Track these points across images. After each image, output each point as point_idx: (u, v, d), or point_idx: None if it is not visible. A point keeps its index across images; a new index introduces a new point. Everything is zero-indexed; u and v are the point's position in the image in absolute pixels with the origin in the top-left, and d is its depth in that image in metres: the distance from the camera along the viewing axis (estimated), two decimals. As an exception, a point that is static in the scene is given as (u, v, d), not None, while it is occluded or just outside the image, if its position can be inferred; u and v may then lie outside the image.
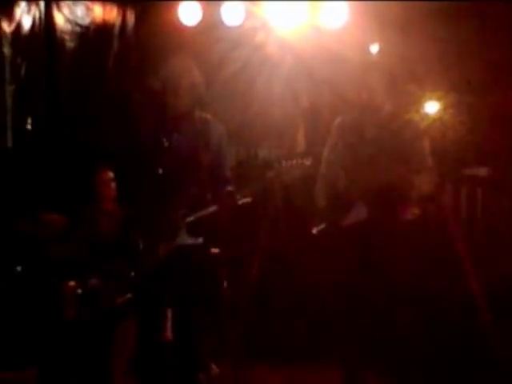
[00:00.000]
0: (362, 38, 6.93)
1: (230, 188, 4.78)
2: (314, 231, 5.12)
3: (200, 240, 4.71)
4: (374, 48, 7.19)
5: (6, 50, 6.17)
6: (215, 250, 5.91)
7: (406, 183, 4.87)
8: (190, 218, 4.65)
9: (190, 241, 4.68)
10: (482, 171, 6.95)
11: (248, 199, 5.43)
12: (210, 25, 7.12)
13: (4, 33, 6.16)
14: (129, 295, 5.38)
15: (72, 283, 5.61)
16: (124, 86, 6.73)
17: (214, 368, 5.91)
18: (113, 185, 5.72)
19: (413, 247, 5.01)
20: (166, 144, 4.67)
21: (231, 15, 7.08)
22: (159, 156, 4.69)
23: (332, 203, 5.10)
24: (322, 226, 5.09)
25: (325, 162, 5.21)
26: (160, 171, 4.65)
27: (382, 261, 4.87)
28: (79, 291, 5.61)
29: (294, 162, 4.70)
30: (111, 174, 5.73)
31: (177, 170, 4.69)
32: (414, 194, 4.89)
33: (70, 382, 5.34)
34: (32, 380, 5.35)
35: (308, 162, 4.65)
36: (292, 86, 7.30)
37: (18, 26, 6.27)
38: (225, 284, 6.04)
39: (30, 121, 6.05)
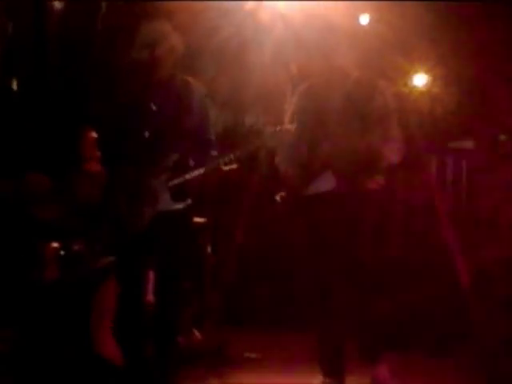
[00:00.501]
0: (352, 6, 6.89)
1: (213, 152, 4.77)
2: (277, 198, 5.11)
3: (183, 205, 4.69)
4: (365, 17, 7.17)
5: (-7, 11, 6.12)
6: (200, 219, 5.96)
7: (371, 152, 4.84)
8: (173, 183, 4.65)
9: (173, 206, 4.67)
10: (468, 144, 6.97)
11: (234, 166, 5.45)
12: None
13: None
14: (111, 258, 5.39)
15: (55, 244, 5.62)
16: (110, 49, 6.69)
17: (196, 333, 5.96)
18: (97, 146, 5.69)
19: (377, 217, 5.00)
20: (154, 108, 4.66)
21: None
22: (141, 120, 4.67)
23: (297, 171, 5.06)
24: (282, 193, 5.08)
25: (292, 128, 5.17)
26: (143, 135, 4.64)
27: (346, 231, 4.87)
28: (62, 253, 5.62)
29: (278, 128, 4.71)
30: (95, 135, 5.70)
31: (159, 134, 4.67)
32: (380, 164, 4.86)
33: (48, 343, 5.33)
34: (8, 340, 5.34)
35: (292, 127, 4.66)
36: (281, 53, 7.26)
37: (6, -14, 6.23)
38: (208, 250, 6.08)
39: (16, 81, 5.99)
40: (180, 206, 4.67)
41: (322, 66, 5.10)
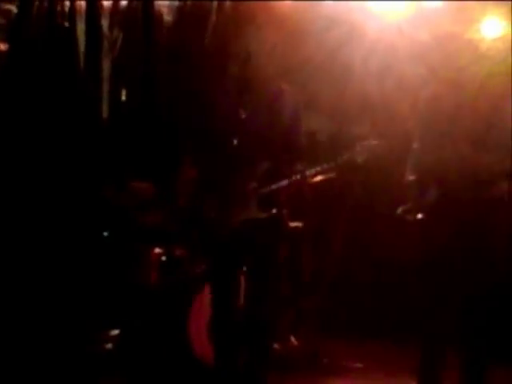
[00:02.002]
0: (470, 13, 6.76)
1: (302, 162, 4.80)
2: (399, 210, 5.11)
3: (270, 213, 4.73)
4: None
5: (104, 22, 6.33)
6: (298, 224, 6.01)
7: (470, 163, 4.79)
8: (261, 192, 4.70)
9: (259, 214, 4.72)
10: None
11: (330, 175, 5.49)
12: (307, 2, 7.14)
13: (102, 5, 6.32)
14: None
15: (157, 250, 5.80)
16: (220, 61, 6.81)
17: (293, 340, 6.00)
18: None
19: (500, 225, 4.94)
20: (243, 116, 4.74)
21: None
22: (234, 128, 4.75)
23: (419, 179, 5.06)
24: (407, 205, 5.08)
25: (417, 135, 5.18)
26: (234, 143, 4.72)
27: (472, 239, 4.84)
28: (163, 258, 5.79)
29: (367, 143, 4.74)
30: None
31: (250, 143, 4.71)
32: (481, 176, 4.80)
33: (150, 345, 5.50)
34: (115, 341, 5.53)
35: (380, 143, 4.69)
36: (390, 65, 7.23)
37: (116, 0, 6.44)
38: (307, 256, 6.13)
39: (124, 93, 6.19)
40: (264, 214, 4.72)
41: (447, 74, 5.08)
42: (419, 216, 4.98)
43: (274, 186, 4.69)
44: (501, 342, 5.72)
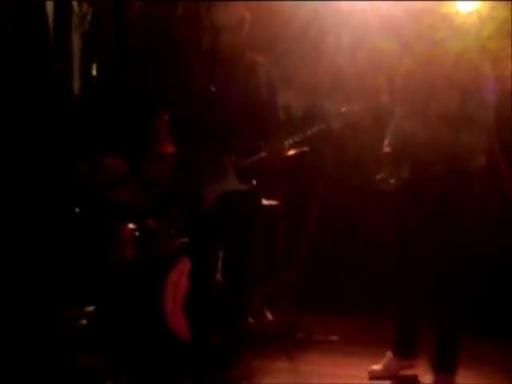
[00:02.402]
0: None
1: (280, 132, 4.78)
2: (377, 178, 5.12)
3: (250, 186, 4.72)
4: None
5: (73, -2, 6.27)
6: (272, 202, 6.01)
7: (445, 138, 4.80)
8: (241, 164, 4.68)
9: (240, 186, 4.71)
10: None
11: (303, 149, 5.48)
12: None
13: (70, -19, 6.26)
14: (184, 239, 5.49)
15: (130, 225, 5.76)
16: (191, 37, 6.76)
17: (268, 314, 5.99)
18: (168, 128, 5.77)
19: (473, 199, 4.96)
20: (218, 89, 4.69)
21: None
22: (210, 102, 4.71)
23: (395, 152, 5.08)
24: (383, 174, 5.09)
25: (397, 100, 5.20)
26: (210, 116, 4.68)
27: (445, 212, 4.85)
28: (137, 233, 5.75)
29: (344, 109, 4.74)
30: (167, 117, 5.78)
31: (227, 116, 4.71)
32: (454, 150, 4.81)
33: (125, 321, 5.46)
34: (90, 317, 5.49)
35: (357, 107, 4.68)
36: (363, 39, 7.20)
37: (85, -26, 6.38)
38: (280, 232, 6.12)
39: (95, 67, 6.13)
40: (245, 187, 4.70)
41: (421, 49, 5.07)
42: (394, 186, 5.00)
43: (253, 158, 4.68)
44: (478, 317, 5.78)
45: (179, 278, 5.33)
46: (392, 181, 4.99)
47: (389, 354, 5.12)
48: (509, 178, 6.24)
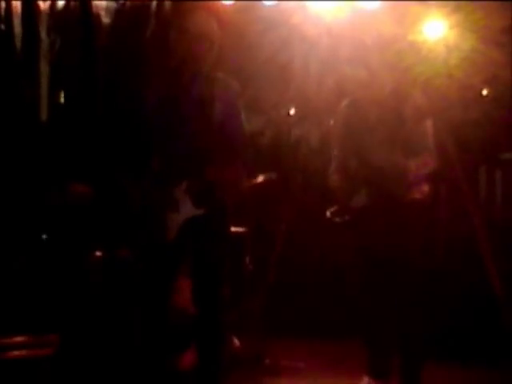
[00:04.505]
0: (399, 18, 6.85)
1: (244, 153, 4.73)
2: (328, 213, 5.20)
3: (208, 210, 4.63)
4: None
5: (41, 26, 6.26)
6: (239, 229, 6.03)
7: (399, 167, 4.87)
8: (194, 189, 4.60)
9: (195, 211, 4.63)
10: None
11: (273, 175, 5.50)
12: (248, 4, 7.16)
13: (39, 9, 6.25)
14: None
15: (98, 252, 5.76)
16: (160, 63, 6.79)
17: (235, 341, 6.00)
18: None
19: (421, 226, 5.03)
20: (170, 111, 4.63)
21: (268, -6, 7.10)
22: (170, 126, 4.65)
23: (344, 185, 5.14)
24: (334, 208, 5.16)
25: (336, 142, 5.27)
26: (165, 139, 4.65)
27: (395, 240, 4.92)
28: (105, 260, 5.74)
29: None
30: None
31: (181, 137, 4.60)
32: (410, 177, 4.88)
33: (92, 350, 5.45)
34: (53, 345, 5.46)
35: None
36: (328, 65, 7.27)
37: (53, 1, 6.37)
38: (247, 258, 6.14)
39: (63, 95, 6.13)
40: (201, 211, 4.65)
41: (363, 80, 5.16)
42: (346, 218, 5.07)
43: (206, 184, 4.60)
44: (439, 342, 5.84)
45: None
46: (343, 213, 5.07)
47: (365, 379, 5.14)
48: (472, 202, 6.32)
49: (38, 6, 6.26)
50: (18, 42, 6.11)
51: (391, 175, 4.88)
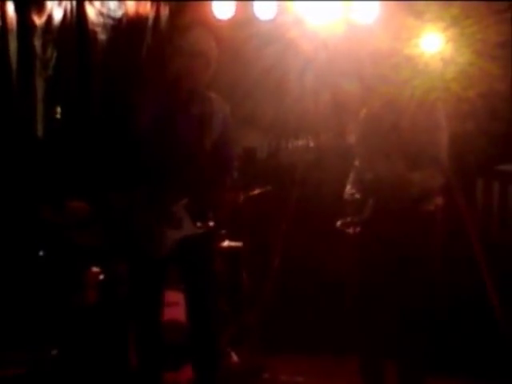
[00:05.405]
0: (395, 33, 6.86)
1: (234, 172, 4.77)
2: (338, 223, 5.18)
3: (207, 227, 4.67)
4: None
5: (37, 42, 6.24)
6: (236, 244, 6.01)
7: (402, 179, 4.86)
8: (194, 207, 4.63)
9: (196, 230, 4.66)
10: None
11: (268, 188, 5.49)
12: (243, 20, 7.19)
13: (35, 25, 6.25)
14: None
15: (95, 269, 5.74)
16: (156, 80, 6.79)
17: (234, 356, 5.98)
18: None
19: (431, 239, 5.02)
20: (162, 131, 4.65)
21: (264, 10, 7.13)
22: (160, 143, 4.67)
23: (357, 197, 5.14)
24: (346, 219, 5.15)
25: (356, 153, 5.28)
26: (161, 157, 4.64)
27: (406, 252, 4.90)
28: (101, 277, 5.73)
29: (300, 143, 4.79)
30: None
31: (177, 156, 4.64)
32: (414, 191, 4.87)
33: (88, 365, 5.43)
34: (52, 362, 5.45)
35: (312, 143, 4.74)
36: (325, 80, 7.28)
37: (49, 17, 6.34)
38: (244, 273, 6.12)
39: (59, 110, 6.12)
40: (202, 229, 4.65)
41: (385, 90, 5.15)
42: (357, 230, 5.05)
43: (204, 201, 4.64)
44: (439, 354, 5.81)
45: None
46: (355, 225, 5.06)
47: None
48: (468, 217, 6.31)
49: (33, 22, 6.23)
50: (14, 58, 6.08)
51: (394, 187, 4.86)
